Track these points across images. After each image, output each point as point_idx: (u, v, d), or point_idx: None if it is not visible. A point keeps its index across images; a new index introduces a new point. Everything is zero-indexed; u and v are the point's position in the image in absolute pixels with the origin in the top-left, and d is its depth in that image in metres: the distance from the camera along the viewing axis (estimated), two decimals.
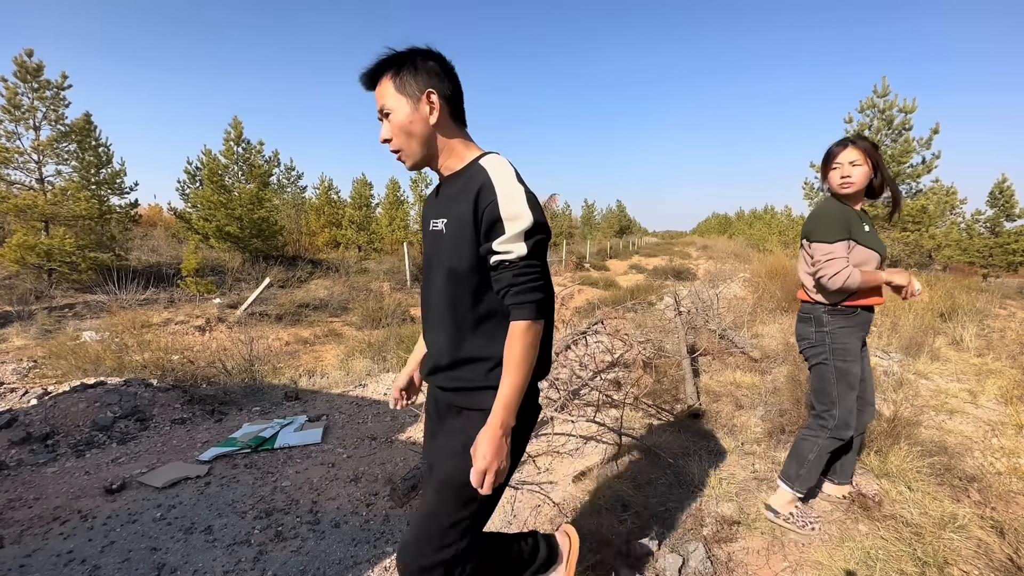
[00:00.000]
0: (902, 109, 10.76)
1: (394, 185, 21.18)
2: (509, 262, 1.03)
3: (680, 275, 15.55)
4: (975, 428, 2.98)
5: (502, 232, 1.02)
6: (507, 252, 1.02)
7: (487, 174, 1.05)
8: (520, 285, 1.04)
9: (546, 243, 1.09)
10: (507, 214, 1.02)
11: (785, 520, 1.99)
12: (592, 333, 3.25)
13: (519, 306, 1.04)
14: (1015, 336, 5.11)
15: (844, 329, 1.90)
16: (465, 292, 1.09)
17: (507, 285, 1.04)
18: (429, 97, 1.08)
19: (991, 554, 1.80)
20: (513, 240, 1.02)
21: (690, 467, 2.47)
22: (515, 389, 1.03)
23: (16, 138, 10.03)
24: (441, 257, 1.11)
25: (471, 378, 1.13)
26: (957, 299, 6.38)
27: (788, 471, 2.01)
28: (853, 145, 1.86)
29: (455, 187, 1.12)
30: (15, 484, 2.60)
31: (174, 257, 12.87)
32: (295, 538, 2.10)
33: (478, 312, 1.11)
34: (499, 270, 1.05)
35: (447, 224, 1.10)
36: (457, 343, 1.12)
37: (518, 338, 1.03)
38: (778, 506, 2.02)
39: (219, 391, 4.11)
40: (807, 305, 2.01)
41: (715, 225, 74.03)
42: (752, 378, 3.84)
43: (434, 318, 1.17)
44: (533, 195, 1.09)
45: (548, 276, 1.12)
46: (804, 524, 1.97)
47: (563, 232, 27.49)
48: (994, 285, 10.59)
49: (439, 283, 1.13)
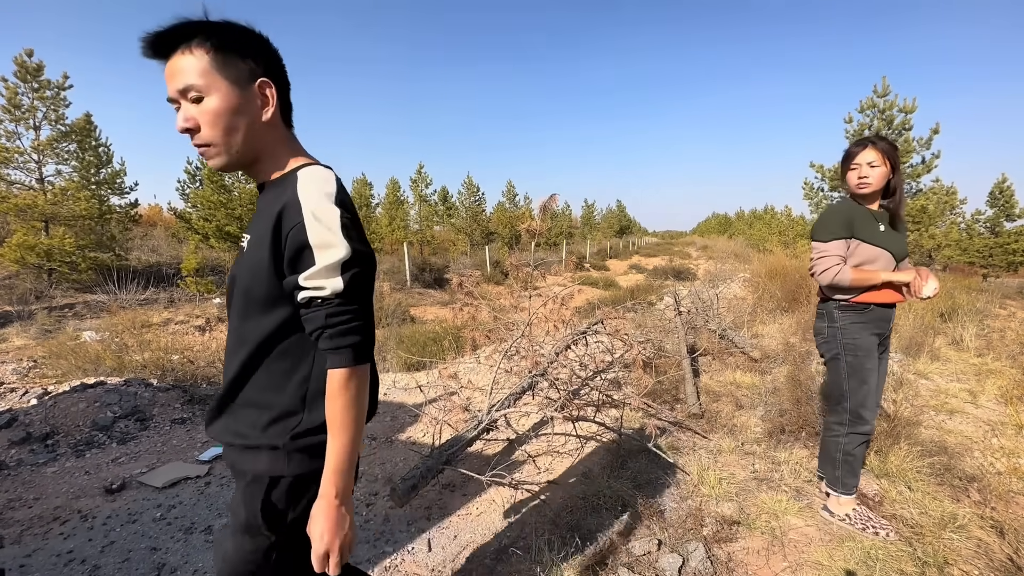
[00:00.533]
0: (902, 109, 10.76)
1: (394, 185, 21.20)
2: (322, 299, 0.85)
3: (680, 275, 15.55)
4: (975, 428, 2.98)
5: (311, 263, 0.84)
6: (318, 288, 0.84)
7: (295, 190, 0.86)
8: (335, 327, 0.86)
9: (369, 276, 0.91)
10: (316, 240, 0.83)
11: (841, 521, 2.00)
12: (592, 333, 3.25)
13: (336, 351, 0.86)
14: (1015, 336, 5.11)
15: (856, 325, 1.94)
16: (257, 322, 0.91)
17: (320, 327, 0.86)
18: (264, 88, 0.90)
19: (991, 554, 1.80)
20: (325, 274, 0.84)
21: (690, 467, 2.48)
22: (345, 450, 0.87)
23: (16, 138, 10.02)
24: (239, 279, 0.92)
25: (244, 432, 0.93)
26: (957, 299, 6.38)
27: (826, 475, 2.05)
28: (872, 146, 1.88)
29: (266, 200, 0.93)
30: (15, 484, 2.60)
31: (174, 257, 12.88)
32: None
33: (270, 348, 0.92)
34: (311, 308, 0.86)
35: (248, 243, 0.92)
36: (239, 381, 0.94)
37: (339, 391, 0.86)
38: (833, 508, 2.04)
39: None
40: (822, 302, 2.06)
41: (715, 225, 74.03)
42: (752, 378, 3.84)
43: (228, 347, 0.97)
44: (355, 219, 0.90)
45: (371, 315, 0.93)
46: (865, 527, 1.95)
47: (563, 232, 27.49)
48: (994, 285, 10.59)
49: (236, 307, 0.94)
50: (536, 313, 3.11)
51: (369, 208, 20.67)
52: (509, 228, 23.11)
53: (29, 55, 9.84)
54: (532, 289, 3.15)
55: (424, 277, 13.64)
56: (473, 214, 23.30)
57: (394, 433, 3.24)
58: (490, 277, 14.05)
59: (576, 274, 16.53)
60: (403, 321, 8.93)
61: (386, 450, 2.98)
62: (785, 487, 2.30)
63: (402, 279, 13.32)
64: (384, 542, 2.06)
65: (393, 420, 3.47)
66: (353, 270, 0.87)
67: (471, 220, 23.11)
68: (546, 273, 4.58)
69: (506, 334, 3.21)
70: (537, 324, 3.20)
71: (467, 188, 23.56)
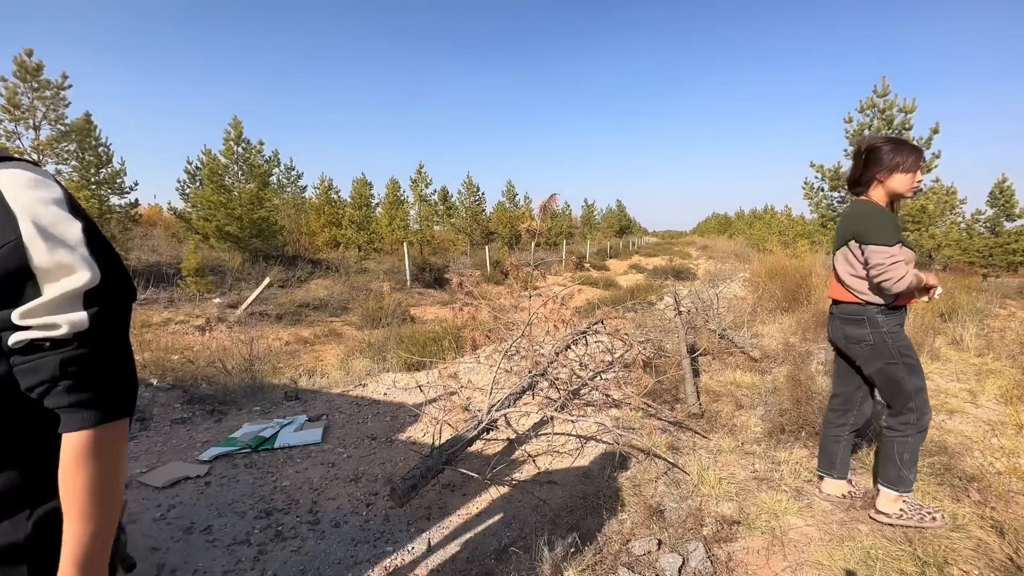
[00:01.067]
0: (902, 109, 10.77)
1: (394, 185, 21.20)
2: (54, 341, 0.62)
3: (680, 275, 15.55)
4: (975, 428, 2.98)
5: (35, 294, 0.61)
6: (46, 327, 0.61)
7: (1, 196, 0.62)
8: (75, 379, 0.63)
9: (125, 310, 0.70)
10: (43, 262, 0.61)
11: (898, 518, 1.97)
12: (592, 333, 3.25)
13: (74, 411, 0.63)
14: (1015, 336, 5.10)
15: (899, 327, 1.94)
16: None
17: (46, 380, 0.62)
18: None
19: (991, 554, 1.80)
20: (57, 307, 0.62)
21: (690, 467, 2.48)
22: (90, 538, 0.63)
23: (16, 138, 10.04)
24: None
25: None
26: (957, 299, 6.38)
27: (887, 476, 1.98)
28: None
29: None
30: None
31: (174, 257, 12.87)
32: (295, 538, 2.10)
33: None
34: (30, 356, 0.62)
35: None
36: None
37: (82, 461, 0.63)
38: (886, 508, 2.00)
39: (219, 391, 4.11)
40: (856, 307, 1.98)
41: (715, 225, 74.07)
42: (752, 378, 3.84)
43: None
44: (99, 232, 0.69)
45: (131, 361, 0.70)
46: (922, 516, 1.95)
47: (563, 232, 27.50)
48: (994, 285, 10.59)
49: None
50: (536, 313, 3.11)
51: (369, 208, 20.68)
52: (509, 228, 23.13)
53: (29, 55, 9.84)
54: (532, 289, 3.15)
55: (424, 277, 13.64)
56: (473, 214, 23.31)
57: (394, 433, 3.24)
58: (490, 277, 14.06)
59: (576, 274, 16.53)
60: (403, 321, 8.94)
61: (386, 450, 2.98)
62: (785, 487, 2.29)
63: (402, 279, 13.32)
64: (384, 542, 2.06)
65: (393, 420, 3.47)
66: (102, 302, 0.65)
67: (471, 220, 23.12)
68: (546, 273, 4.58)
69: (506, 334, 3.22)
70: (537, 324, 3.20)
71: (467, 188, 23.57)
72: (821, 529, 1.99)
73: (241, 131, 13.74)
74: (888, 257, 1.81)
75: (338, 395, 4.11)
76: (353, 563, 1.94)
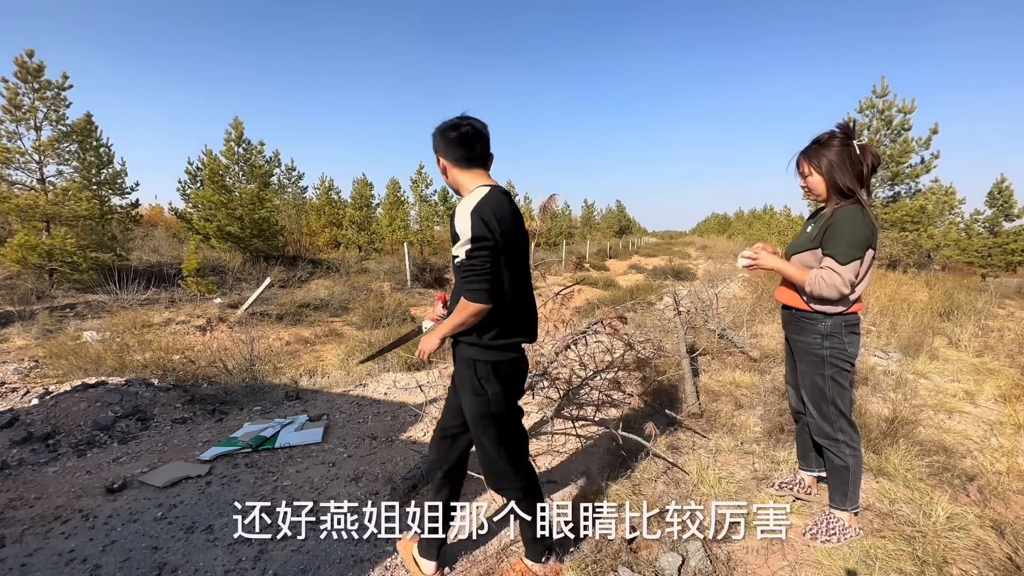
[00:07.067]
0: (901, 109, 10.77)
1: (394, 185, 21.20)
2: None
3: (679, 275, 15.55)
4: (974, 428, 2.99)
5: None
6: None
7: None
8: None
9: None
10: None
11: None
12: (592, 333, 3.26)
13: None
14: (1014, 336, 5.11)
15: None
16: None
17: None
18: None
19: (990, 553, 1.80)
20: None
21: (689, 466, 2.48)
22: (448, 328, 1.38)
23: (17, 138, 10.03)
24: None
25: None
26: (956, 299, 6.38)
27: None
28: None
29: None
30: (16, 483, 2.61)
31: (175, 257, 12.88)
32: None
33: None
34: None
35: None
36: None
37: (458, 310, 1.40)
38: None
39: (220, 391, 4.12)
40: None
41: (714, 225, 74.07)
42: (751, 378, 3.84)
43: None
44: None
45: None
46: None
47: (563, 232, 27.49)
48: (993, 285, 10.59)
49: None
50: None
51: (369, 208, 20.68)
52: None
53: (30, 55, 9.85)
54: None
55: (424, 277, 13.65)
56: None
57: (395, 432, 3.25)
58: None
59: (576, 274, 16.53)
60: (403, 321, 8.95)
61: (387, 449, 2.99)
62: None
63: (402, 279, 13.33)
64: (384, 542, 2.07)
65: (394, 420, 3.48)
66: None
67: None
68: (546, 273, 4.57)
69: None
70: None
71: None
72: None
73: (242, 132, 13.74)
74: None
75: (339, 395, 4.12)
76: (354, 562, 1.95)
